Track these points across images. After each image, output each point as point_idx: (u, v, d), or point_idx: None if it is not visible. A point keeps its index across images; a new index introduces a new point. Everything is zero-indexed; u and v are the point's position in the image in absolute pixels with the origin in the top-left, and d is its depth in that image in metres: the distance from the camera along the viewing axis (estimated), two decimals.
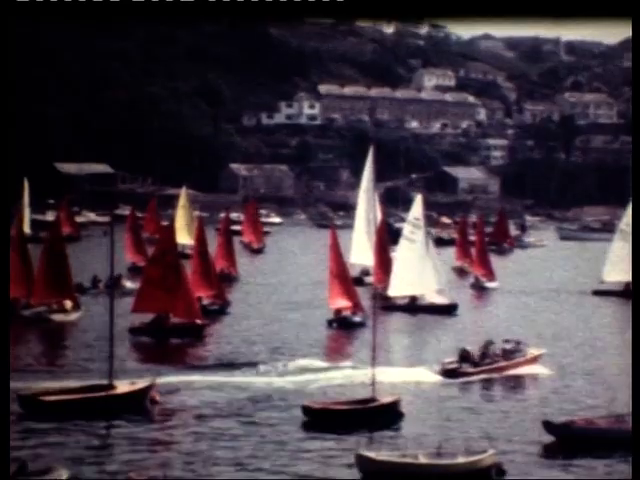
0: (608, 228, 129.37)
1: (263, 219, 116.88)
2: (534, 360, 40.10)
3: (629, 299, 56.33)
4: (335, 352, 44.91)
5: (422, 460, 26.67)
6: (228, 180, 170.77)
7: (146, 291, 46.34)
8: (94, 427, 30.25)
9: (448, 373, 37.93)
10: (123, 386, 32.73)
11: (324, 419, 31.12)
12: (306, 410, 31.47)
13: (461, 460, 26.70)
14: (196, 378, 37.08)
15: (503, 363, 38.95)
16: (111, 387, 32.51)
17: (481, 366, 38.63)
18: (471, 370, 38.29)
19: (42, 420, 30.34)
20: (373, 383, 32.18)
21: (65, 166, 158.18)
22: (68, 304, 49.69)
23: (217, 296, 53.70)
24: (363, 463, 26.47)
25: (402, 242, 57.45)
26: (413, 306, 56.44)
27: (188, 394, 34.72)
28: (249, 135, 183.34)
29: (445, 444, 27.53)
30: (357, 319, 49.80)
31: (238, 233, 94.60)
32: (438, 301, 56.25)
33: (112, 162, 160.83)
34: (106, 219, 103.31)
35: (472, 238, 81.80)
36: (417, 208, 57.75)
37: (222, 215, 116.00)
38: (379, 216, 67.26)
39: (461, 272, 77.29)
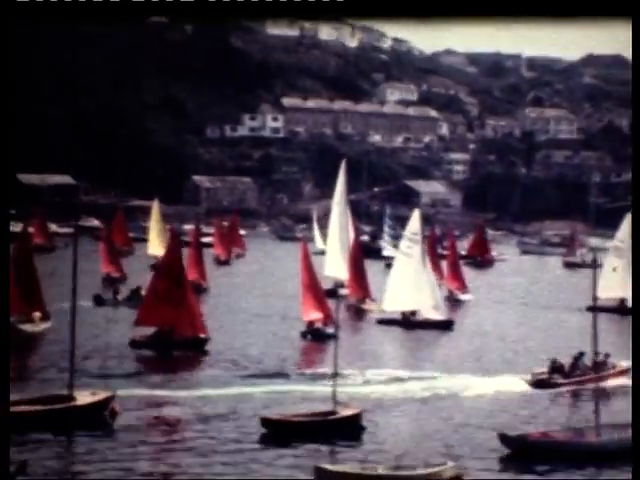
0: (566, 243, 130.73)
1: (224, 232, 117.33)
2: (623, 373, 40.20)
3: (623, 315, 57.00)
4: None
5: (380, 472, 26.78)
6: (191, 192, 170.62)
7: (151, 304, 45.97)
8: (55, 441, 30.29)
9: (538, 383, 38.12)
10: (83, 397, 32.60)
11: (285, 432, 31.28)
12: (266, 422, 31.65)
13: (421, 472, 26.83)
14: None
15: (594, 375, 38.07)
16: (71, 398, 32.46)
17: (572, 377, 38.78)
18: (562, 381, 38.51)
19: None
20: (334, 396, 32.39)
21: (27, 177, 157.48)
22: (36, 315, 49.71)
23: None
24: (322, 476, 26.49)
25: (398, 257, 57.70)
26: (408, 321, 56.19)
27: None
28: (212, 147, 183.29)
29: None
30: (329, 331, 50.13)
31: (206, 245, 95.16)
32: (434, 317, 55.96)
33: (74, 173, 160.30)
34: (68, 230, 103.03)
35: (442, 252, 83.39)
36: (414, 223, 57.52)
37: (185, 227, 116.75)
38: (351, 229, 67.83)
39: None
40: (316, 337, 50.26)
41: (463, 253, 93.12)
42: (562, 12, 27.10)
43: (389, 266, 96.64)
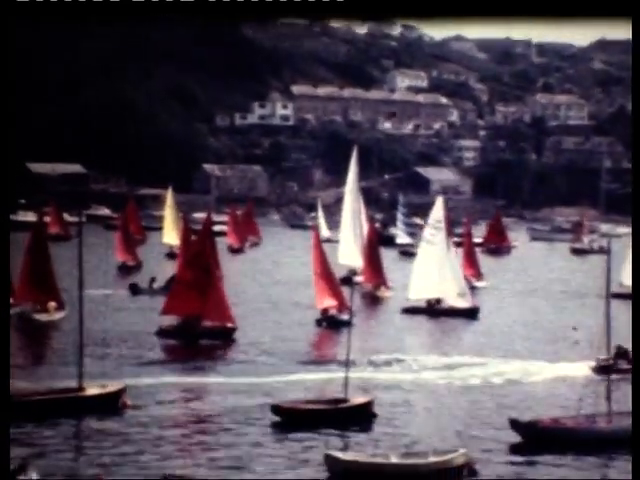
0: (576, 229, 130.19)
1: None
2: None
3: None
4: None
5: (392, 460, 26.76)
6: (201, 180, 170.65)
7: (178, 293, 45.95)
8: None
9: (603, 369, 38.06)
10: (92, 389, 32.61)
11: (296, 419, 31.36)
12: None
13: (431, 459, 26.83)
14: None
15: None
16: (80, 389, 32.44)
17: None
18: (626, 367, 38.49)
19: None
20: (345, 383, 32.43)
21: (37, 166, 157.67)
22: (52, 304, 49.70)
23: None
24: (331, 463, 26.49)
25: (422, 245, 57.24)
26: (433, 309, 55.94)
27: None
28: (222, 135, 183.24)
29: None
30: (344, 317, 50.35)
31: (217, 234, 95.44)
32: (459, 304, 55.66)
33: (84, 162, 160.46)
34: (78, 219, 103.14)
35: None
36: (438, 210, 57.18)
37: (195, 215, 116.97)
38: (364, 217, 68.03)
39: None
40: (331, 324, 50.28)
41: (477, 240, 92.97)
42: (562, 12, 27.11)
43: (403, 254, 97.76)
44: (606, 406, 30.51)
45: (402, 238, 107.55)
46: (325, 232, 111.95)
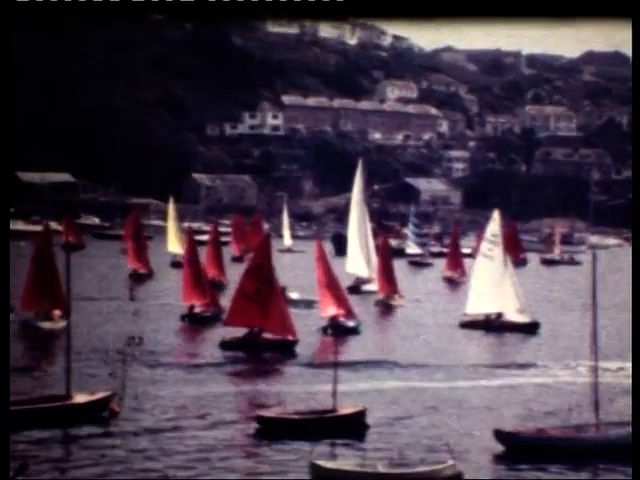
0: (566, 240, 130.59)
1: (223, 229, 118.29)
2: None
3: None
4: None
5: (379, 469, 26.73)
6: (191, 190, 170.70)
7: (239, 305, 45.76)
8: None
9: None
10: (80, 396, 32.39)
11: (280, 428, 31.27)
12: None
13: (419, 469, 26.80)
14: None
15: None
16: (68, 397, 32.27)
17: None
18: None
19: None
20: (334, 393, 32.23)
21: (26, 175, 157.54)
22: (56, 313, 49.59)
23: (210, 303, 53.98)
24: (316, 472, 26.28)
25: (479, 259, 56.75)
26: (491, 324, 54.98)
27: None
28: (212, 145, 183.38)
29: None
30: (351, 324, 50.75)
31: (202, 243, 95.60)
32: (519, 319, 54.59)
33: (74, 171, 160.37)
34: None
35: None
36: (494, 225, 56.55)
37: (185, 224, 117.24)
38: (369, 227, 70.07)
39: (450, 281, 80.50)
40: (337, 331, 50.17)
41: (466, 251, 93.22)
42: (562, 12, 27.10)
43: (412, 264, 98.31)
44: (594, 416, 30.46)
45: (412, 248, 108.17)
46: (287, 241, 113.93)
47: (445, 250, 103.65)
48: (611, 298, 59.06)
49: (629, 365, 40.15)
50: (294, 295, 58.02)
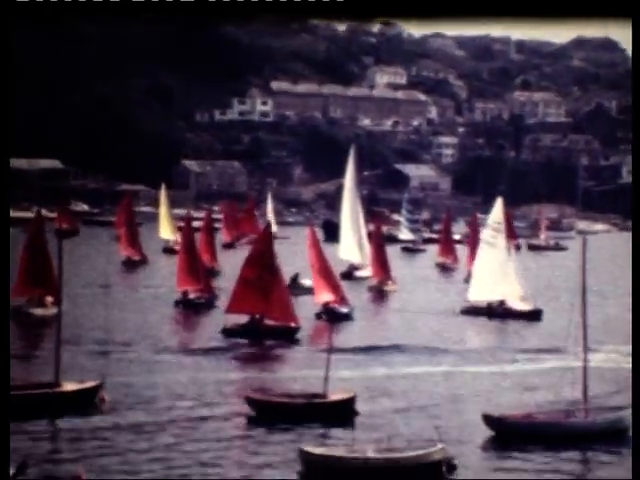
0: (555, 226, 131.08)
1: (214, 215, 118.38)
2: None
3: None
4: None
5: (369, 454, 26.82)
6: (180, 176, 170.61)
7: (241, 292, 45.79)
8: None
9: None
10: (69, 384, 32.40)
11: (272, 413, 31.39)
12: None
13: (408, 454, 26.85)
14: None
15: None
16: (56, 385, 32.36)
17: None
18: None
19: None
20: (326, 379, 32.32)
21: (15, 161, 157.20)
22: (48, 299, 49.71)
23: (204, 290, 54.24)
24: (305, 458, 26.16)
25: (482, 246, 56.72)
26: (494, 311, 55.10)
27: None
28: (202, 131, 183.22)
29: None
30: (344, 310, 51.18)
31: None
32: (521, 307, 54.67)
33: (63, 158, 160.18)
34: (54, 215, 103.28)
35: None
36: (497, 212, 56.86)
37: (175, 211, 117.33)
38: (361, 213, 70.26)
39: (443, 268, 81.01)
40: (331, 317, 50.41)
41: (456, 237, 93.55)
42: (562, 12, 27.21)
43: (405, 250, 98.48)
44: (582, 401, 30.71)
45: (405, 234, 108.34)
46: (273, 228, 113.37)
47: (435, 236, 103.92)
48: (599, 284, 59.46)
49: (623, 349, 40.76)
50: (307, 282, 57.21)
